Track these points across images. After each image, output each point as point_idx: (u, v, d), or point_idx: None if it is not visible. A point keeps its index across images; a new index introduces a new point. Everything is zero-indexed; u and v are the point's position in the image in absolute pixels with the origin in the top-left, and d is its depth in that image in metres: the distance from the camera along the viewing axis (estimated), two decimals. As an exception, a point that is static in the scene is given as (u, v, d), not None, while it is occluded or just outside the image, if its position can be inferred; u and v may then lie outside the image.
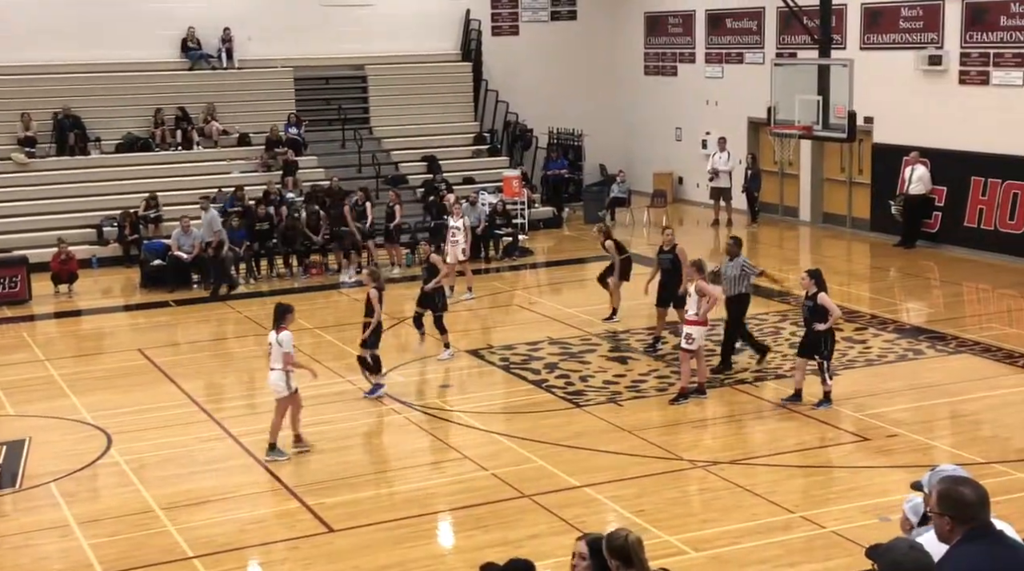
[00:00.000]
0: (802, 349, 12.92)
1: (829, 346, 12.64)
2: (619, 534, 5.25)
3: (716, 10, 26.78)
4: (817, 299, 12.47)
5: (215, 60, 25.99)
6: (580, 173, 27.83)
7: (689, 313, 13.16)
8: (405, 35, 27.37)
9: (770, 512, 10.11)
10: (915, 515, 5.50)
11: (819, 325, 12.45)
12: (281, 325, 11.74)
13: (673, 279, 15.06)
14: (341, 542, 9.80)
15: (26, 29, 24.57)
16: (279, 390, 11.72)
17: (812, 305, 12.53)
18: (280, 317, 11.80)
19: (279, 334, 11.70)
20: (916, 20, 21.82)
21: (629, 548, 5.17)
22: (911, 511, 5.53)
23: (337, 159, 25.56)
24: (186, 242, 20.12)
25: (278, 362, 11.69)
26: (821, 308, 12.46)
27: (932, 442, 11.86)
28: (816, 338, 12.55)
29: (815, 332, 12.52)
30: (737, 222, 24.95)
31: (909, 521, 5.50)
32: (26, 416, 13.60)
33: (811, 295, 12.56)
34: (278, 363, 11.69)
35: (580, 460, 11.50)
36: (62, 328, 18.80)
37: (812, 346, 12.65)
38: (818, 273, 12.79)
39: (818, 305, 12.46)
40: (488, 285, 19.59)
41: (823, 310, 12.47)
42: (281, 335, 11.69)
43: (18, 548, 9.96)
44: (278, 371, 11.68)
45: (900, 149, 21.95)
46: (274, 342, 11.72)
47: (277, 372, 11.69)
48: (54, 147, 24.14)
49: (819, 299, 12.46)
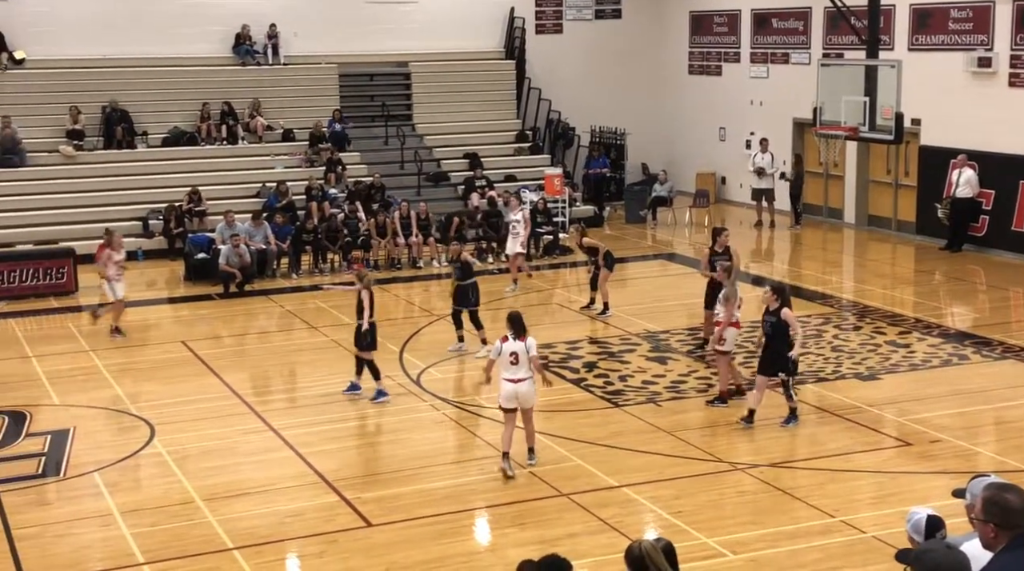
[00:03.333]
0: (763, 367, 12.29)
1: (792, 361, 12.11)
2: (634, 546, 5.29)
3: (762, 10, 26.61)
4: (781, 315, 11.99)
5: (261, 56, 26.20)
6: (622, 172, 27.77)
7: (720, 315, 13.06)
8: (449, 33, 27.44)
9: (809, 516, 10.04)
10: (918, 534, 5.40)
11: (792, 353, 12.00)
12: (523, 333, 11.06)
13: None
14: (379, 537, 9.85)
15: (76, 23, 24.90)
16: (533, 399, 11.15)
17: (775, 321, 12.04)
18: (521, 325, 11.13)
19: (526, 341, 11.03)
20: (966, 21, 21.55)
21: (643, 554, 5.20)
22: (913, 530, 5.43)
23: (380, 156, 25.69)
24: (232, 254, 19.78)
25: (527, 370, 11.00)
26: (784, 324, 12.03)
27: (975, 448, 11.72)
28: (778, 353, 12.01)
29: (781, 353, 11.98)
30: (780, 223, 24.80)
31: (915, 541, 5.40)
32: (71, 406, 13.79)
33: (773, 310, 12.06)
34: (527, 371, 11.00)
35: (618, 460, 11.48)
36: (107, 319, 18.99)
37: (775, 363, 12.12)
38: (783, 289, 12.38)
39: (781, 320, 12.00)
40: (528, 283, 19.58)
41: (786, 326, 12.05)
42: (528, 341, 11.05)
43: (61, 537, 10.10)
44: (530, 380, 11.03)
45: (948, 152, 21.69)
46: (521, 351, 10.99)
47: (529, 381, 11.03)
48: (101, 140, 24.43)
49: (783, 314, 11.98)
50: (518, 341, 11.00)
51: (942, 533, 5.33)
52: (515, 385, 10.98)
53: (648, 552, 5.17)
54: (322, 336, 16.63)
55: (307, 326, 17.30)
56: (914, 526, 5.42)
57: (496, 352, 11.18)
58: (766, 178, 24.94)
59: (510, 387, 10.99)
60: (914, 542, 5.38)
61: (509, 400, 11.05)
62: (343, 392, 13.74)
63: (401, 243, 21.50)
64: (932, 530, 5.34)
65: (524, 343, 11.00)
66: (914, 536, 5.41)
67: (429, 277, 20.88)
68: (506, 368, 11.00)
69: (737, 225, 25.07)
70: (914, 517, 5.44)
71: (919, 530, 5.38)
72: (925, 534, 5.32)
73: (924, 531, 5.34)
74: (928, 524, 5.36)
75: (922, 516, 5.40)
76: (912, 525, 5.44)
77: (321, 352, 15.98)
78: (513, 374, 10.98)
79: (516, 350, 10.97)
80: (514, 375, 10.98)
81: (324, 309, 18.29)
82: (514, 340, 11.02)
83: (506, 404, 11.10)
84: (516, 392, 10.99)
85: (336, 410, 13.42)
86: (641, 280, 20.26)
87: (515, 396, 11.00)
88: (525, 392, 11.01)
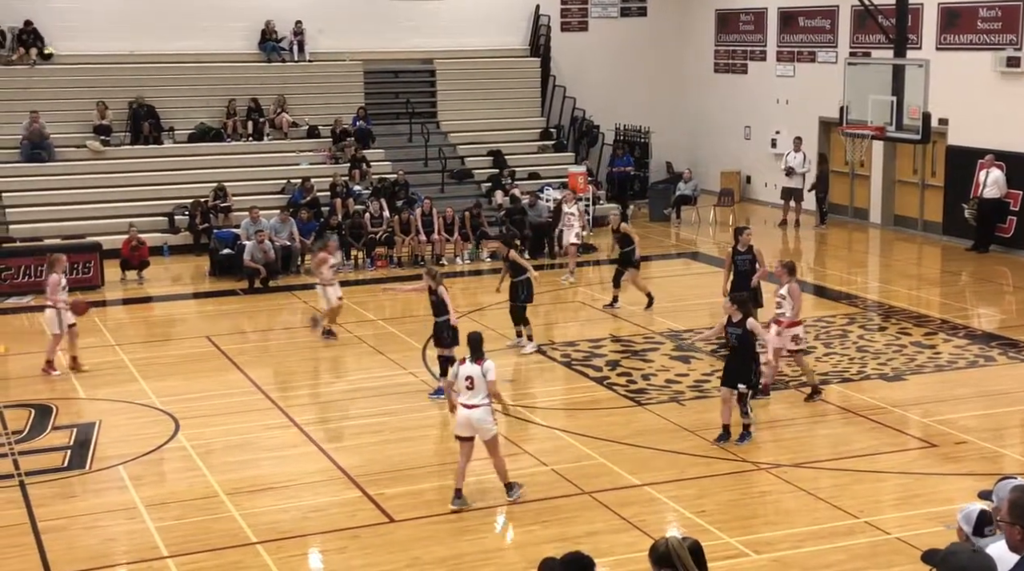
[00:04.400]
0: (726, 379, 11.89)
1: (756, 374, 11.91)
2: (659, 543, 5.24)
3: (789, 8, 26.48)
4: (747, 325, 11.72)
5: (286, 53, 26.29)
6: (646, 170, 27.70)
7: (787, 315, 12.92)
8: (474, 30, 27.45)
9: (833, 516, 9.99)
10: (968, 524, 5.42)
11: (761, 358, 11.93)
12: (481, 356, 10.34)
13: (747, 280, 14.71)
14: (401, 533, 9.87)
15: (105, 20, 25.06)
16: (490, 428, 10.33)
17: (740, 333, 11.76)
18: (479, 347, 10.42)
19: (483, 365, 10.29)
20: (994, 21, 21.37)
21: (670, 551, 5.14)
22: (964, 520, 5.46)
23: (404, 153, 25.73)
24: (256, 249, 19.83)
25: (483, 396, 10.28)
26: (751, 334, 11.81)
27: (1001, 450, 11.63)
28: (743, 366, 11.76)
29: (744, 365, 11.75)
30: (805, 223, 24.68)
31: (963, 531, 5.42)
32: (96, 399, 13.89)
33: (737, 321, 11.76)
34: (483, 397, 10.27)
35: (641, 458, 11.46)
36: (133, 314, 19.16)
37: (737, 374, 11.72)
38: (744, 301, 12.11)
39: (747, 331, 11.74)
40: (551, 281, 19.58)
41: (753, 337, 11.85)
42: (486, 364, 10.28)
43: (87, 529, 10.17)
44: (486, 406, 10.29)
45: (975, 152, 21.53)
46: (477, 375, 10.24)
47: (485, 408, 10.28)
48: (128, 136, 24.58)
49: (748, 325, 11.73)
50: (475, 364, 10.26)
51: (990, 529, 5.33)
52: (469, 412, 10.21)
53: (675, 548, 5.14)
54: (345, 332, 16.67)
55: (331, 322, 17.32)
56: (965, 516, 5.46)
57: (453, 375, 10.51)
58: (796, 177, 24.82)
59: (464, 413, 10.25)
60: (962, 533, 5.42)
61: (463, 428, 10.28)
62: (429, 396, 13.43)
63: (424, 240, 21.53)
64: (982, 524, 5.35)
65: (481, 367, 10.24)
66: (964, 526, 5.44)
67: (452, 274, 20.89)
68: (461, 393, 10.27)
69: (762, 224, 24.98)
70: (968, 507, 5.48)
71: (969, 521, 5.42)
72: (975, 526, 5.35)
73: (974, 523, 5.36)
74: (979, 517, 5.38)
75: (975, 508, 5.45)
76: (964, 515, 5.47)
77: (344, 348, 16.03)
78: (468, 399, 10.22)
79: (472, 374, 10.20)
80: (469, 400, 10.21)
81: (347, 306, 18.31)
82: (471, 363, 10.30)
83: (460, 432, 10.33)
84: (470, 419, 10.21)
85: (359, 406, 13.46)
86: (665, 279, 20.20)
87: (469, 423, 10.23)
88: (479, 419, 10.19)
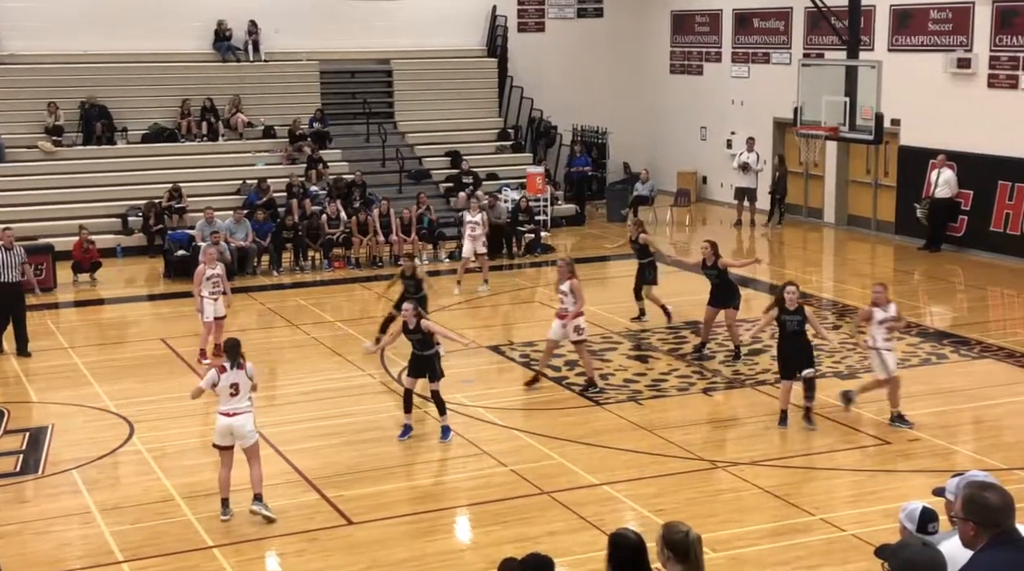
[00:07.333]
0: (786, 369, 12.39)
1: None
2: (680, 527, 5.08)
3: (743, 9, 26.68)
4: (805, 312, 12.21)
5: (241, 52, 26.09)
6: (604, 171, 27.79)
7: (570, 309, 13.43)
8: (431, 30, 27.40)
9: (790, 514, 10.08)
10: (911, 522, 5.38)
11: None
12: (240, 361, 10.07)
13: (722, 287, 14.82)
14: (360, 535, 9.83)
15: (54, 18, 24.73)
16: (252, 435, 10.13)
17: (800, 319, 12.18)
18: (236, 353, 10.08)
19: (246, 368, 10.07)
20: (945, 22, 21.66)
21: (689, 544, 5.02)
22: (907, 519, 5.41)
23: (361, 153, 25.63)
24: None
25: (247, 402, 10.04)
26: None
27: (954, 447, 11.79)
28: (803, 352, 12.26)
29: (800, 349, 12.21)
30: (760, 223, 24.86)
31: (907, 530, 5.40)
32: (49, 403, 13.71)
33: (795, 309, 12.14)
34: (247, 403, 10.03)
35: (599, 458, 11.50)
36: (86, 316, 18.92)
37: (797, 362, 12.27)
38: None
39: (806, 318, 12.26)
40: (510, 281, 19.58)
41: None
42: (248, 367, 10.11)
43: (40, 534, 10.04)
44: (248, 413, 10.04)
45: (927, 152, 21.81)
46: (243, 380, 10.00)
47: (247, 415, 10.03)
48: (81, 136, 24.28)
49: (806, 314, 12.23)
50: (238, 370, 9.94)
51: (934, 525, 5.30)
52: (230, 419, 9.86)
53: (694, 543, 5.03)
54: (302, 333, 16.59)
55: (288, 324, 17.25)
56: (908, 515, 5.38)
57: (210, 383, 9.98)
58: (749, 176, 24.99)
59: (224, 422, 9.89)
60: (905, 531, 5.36)
61: (223, 437, 9.97)
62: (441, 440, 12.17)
63: (382, 241, 21.46)
64: (925, 521, 5.33)
65: (244, 371, 9.97)
66: (907, 525, 5.38)
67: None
68: (225, 401, 9.90)
69: (718, 224, 25.15)
70: (909, 506, 5.42)
71: (912, 519, 5.35)
72: (918, 524, 5.32)
73: (917, 521, 5.33)
74: (922, 514, 5.35)
75: (917, 506, 5.38)
76: (906, 514, 5.40)
77: (301, 350, 15.94)
78: (232, 407, 9.88)
79: (237, 381, 9.90)
80: (233, 407, 9.88)
81: (305, 307, 18.24)
82: (233, 369, 9.94)
83: (220, 441, 10.01)
84: (231, 427, 9.89)
85: (316, 408, 13.39)
86: (622, 278, 20.25)
87: (229, 432, 9.92)
88: (240, 426, 9.90)
